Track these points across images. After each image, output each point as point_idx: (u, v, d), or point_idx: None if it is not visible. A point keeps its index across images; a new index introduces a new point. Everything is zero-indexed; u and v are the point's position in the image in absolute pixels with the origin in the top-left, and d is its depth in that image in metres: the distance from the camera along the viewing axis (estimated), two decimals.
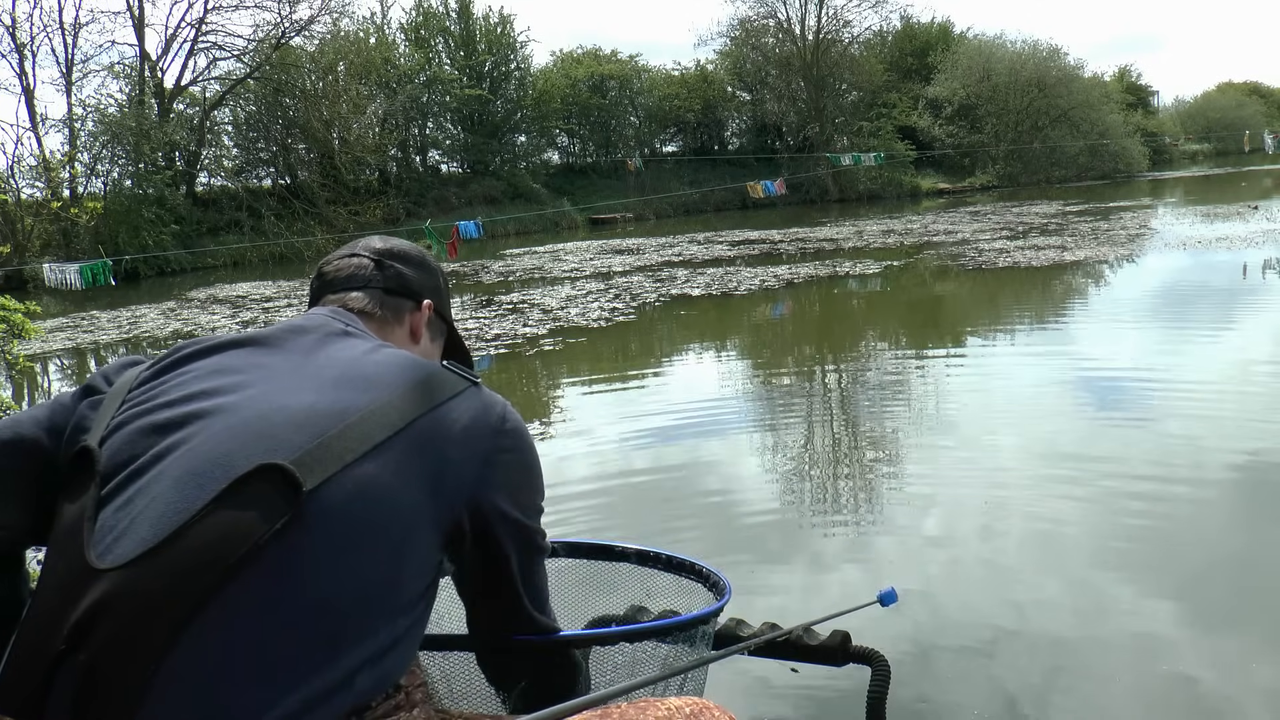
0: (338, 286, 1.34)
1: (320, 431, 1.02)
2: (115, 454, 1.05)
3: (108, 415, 1.11)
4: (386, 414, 1.06)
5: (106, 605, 0.93)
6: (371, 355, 1.16)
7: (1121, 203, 26.30)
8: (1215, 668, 2.80)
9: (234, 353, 1.16)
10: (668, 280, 14.43)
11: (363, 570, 0.99)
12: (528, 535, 1.18)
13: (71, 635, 0.93)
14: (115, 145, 26.40)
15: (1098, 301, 11.10)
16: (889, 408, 6.45)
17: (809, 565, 3.82)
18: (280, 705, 0.91)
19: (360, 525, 0.99)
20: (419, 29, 36.81)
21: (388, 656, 1.01)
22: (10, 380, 9.42)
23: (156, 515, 0.98)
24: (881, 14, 61.13)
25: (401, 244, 1.42)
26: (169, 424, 1.06)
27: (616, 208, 33.51)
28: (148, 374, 1.16)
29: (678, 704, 1.16)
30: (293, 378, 1.10)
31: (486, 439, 1.12)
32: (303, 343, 1.17)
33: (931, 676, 2.85)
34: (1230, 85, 69.30)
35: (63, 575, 0.99)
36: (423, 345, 1.37)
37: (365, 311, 1.31)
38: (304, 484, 0.98)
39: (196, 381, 1.11)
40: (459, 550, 1.11)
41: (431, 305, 1.38)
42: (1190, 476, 4.51)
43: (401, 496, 1.03)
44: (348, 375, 1.10)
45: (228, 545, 0.94)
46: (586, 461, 5.46)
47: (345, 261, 1.37)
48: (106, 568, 0.95)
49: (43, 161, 25.43)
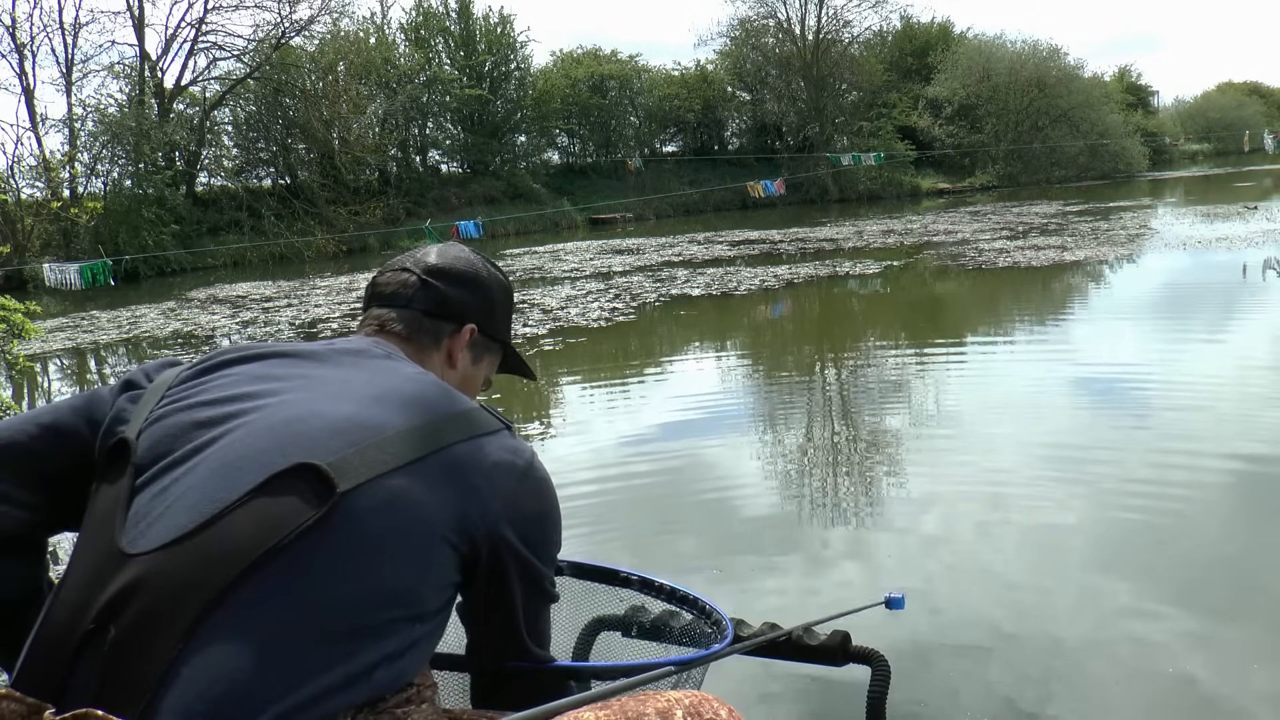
0: (382, 301, 1.36)
1: (357, 440, 1.05)
2: (153, 445, 1.08)
3: (146, 409, 1.13)
4: (423, 435, 1.09)
5: (136, 588, 0.95)
6: (411, 381, 1.18)
7: (1121, 203, 26.30)
8: (1214, 668, 2.80)
9: (277, 361, 1.19)
10: (668, 280, 14.44)
11: (385, 574, 1.01)
12: (537, 578, 1.20)
13: (100, 616, 0.95)
14: (115, 145, 26.41)
15: (1097, 301, 11.10)
16: (888, 407, 6.44)
17: (808, 565, 3.82)
18: (297, 693, 0.93)
19: (387, 532, 1.02)
20: (419, 29, 36.82)
21: (404, 657, 1.03)
22: (10, 380, 9.42)
23: (191, 503, 1.00)
24: (881, 14, 61.20)
25: (458, 259, 1.41)
26: (209, 421, 1.09)
27: (616, 208, 33.53)
28: (189, 374, 1.18)
29: (677, 696, 1.18)
30: (334, 389, 1.13)
31: (513, 480, 1.14)
32: (344, 361, 1.20)
33: (931, 676, 2.85)
34: (1230, 85, 69.33)
35: (94, 558, 1.01)
36: (461, 370, 1.38)
37: (401, 336, 1.33)
38: (338, 485, 1.00)
39: (238, 385, 1.14)
40: (471, 576, 1.14)
41: (474, 329, 1.38)
42: (1189, 476, 4.51)
43: (428, 513, 1.05)
44: (387, 395, 1.13)
45: (259, 536, 0.97)
46: (586, 461, 5.46)
47: (395, 276, 1.38)
48: (138, 552, 0.98)
49: (43, 161, 25.45)
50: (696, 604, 1.56)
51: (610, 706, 1.12)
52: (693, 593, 1.57)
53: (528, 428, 6.43)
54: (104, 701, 0.91)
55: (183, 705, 0.90)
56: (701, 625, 1.52)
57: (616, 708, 1.12)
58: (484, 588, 1.16)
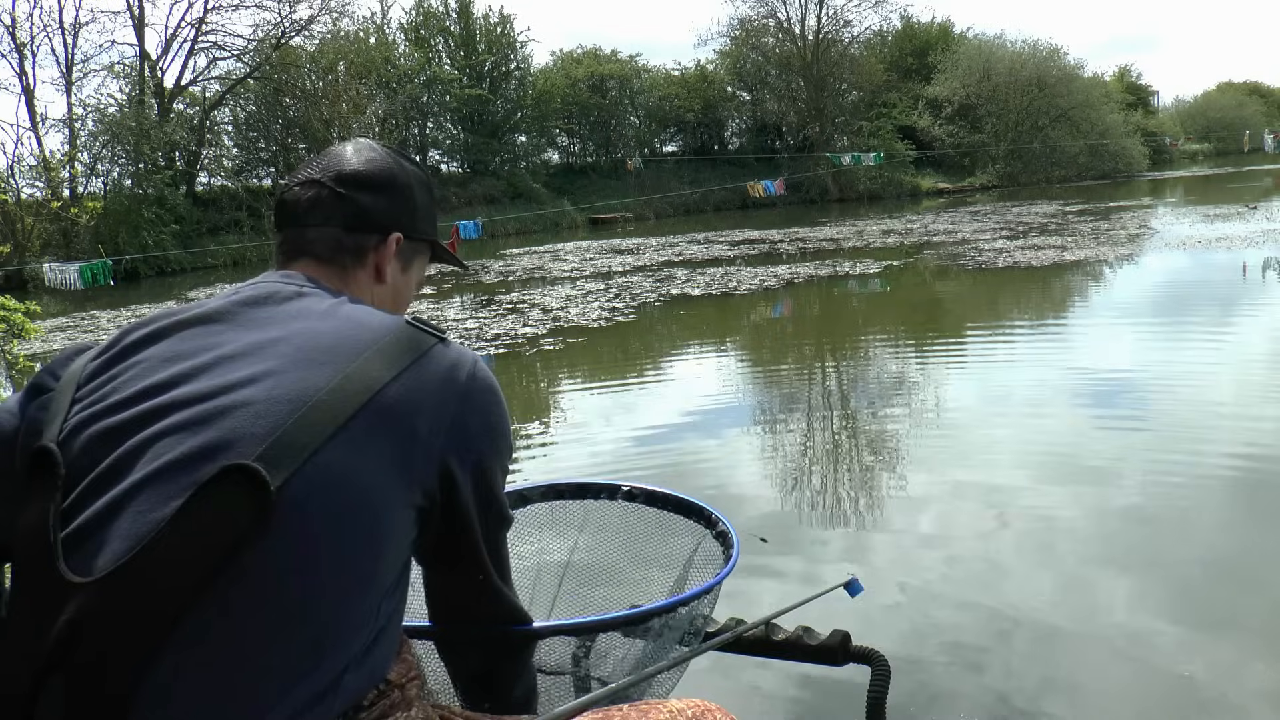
0: (296, 220, 1.24)
1: (282, 418, 0.97)
2: (75, 460, 1.00)
3: (59, 415, 1.04)
4: (349, 388, 1.00)
5: (84, 622, 0.91)
6: (329, 320, 1.09)
7: (1121, 202, 26.30)
8: (1211, 667, 2.80)
9: (185, 334, 1.09)
10: (668, 280, 14.44)
11: (340, 565, 0.96)
12: (495, 505, 1.14)
13: (53, 653, 0.91)
14: (115, 145, 26.42)
15: (1097, 301, 11.10)
16: (888, 407, 6.44)
17: (806, 564, 3.82)
18: (270, 715, 0.90)
19: (332, 518, 0.96)
20: (419, 29, 36.85)
21: (372, 651, 0.99)
22: (10, 380, 9.42)
23: (126, 527, 0.94)
24: (881, 14, 61.37)
25: (371, 161, 1.27)
26: (126, 425, 1.01)
27: (616, 208, 33.54)
28: (96, 365, 1.08)
29: (680, 706, 1.16)
30: (248, 360, 1.04)
31: (455, 401, 1.06)
32: (256, 316, 1.10)
33: (931, 676, 2.85)
34: (1230, 85, 69.38)
35: (34, 590, 0.96)
36: (390, 282, 1.27)
37: (320, 258, 1.22)
38: (271, 482, 0.93)
39: (149, 373, 1.05)
40: (426, 523, 1.07)
41: (400, 238, 1.27)
42: (1188, 477, 4.51)
43: (371, 479, 0.99)
44: (305, 349, 1.04)
45: (199, 558, 0.91)
46: (585, 460, 5.46)
47: (304, 191, 1.25)
48: (80, 581, 0.92)
49: (43, 161, 25.47)
50: (703, 513, 1.53)
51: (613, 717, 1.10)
52: (699, 501, 1.54)
53: (527, 427, 6.43)
54: None
55: None
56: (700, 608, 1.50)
57: (619, 717, 1.11)
58: (442, 530, 1.09)
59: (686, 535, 1.58)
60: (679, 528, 1.60)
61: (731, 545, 1.49)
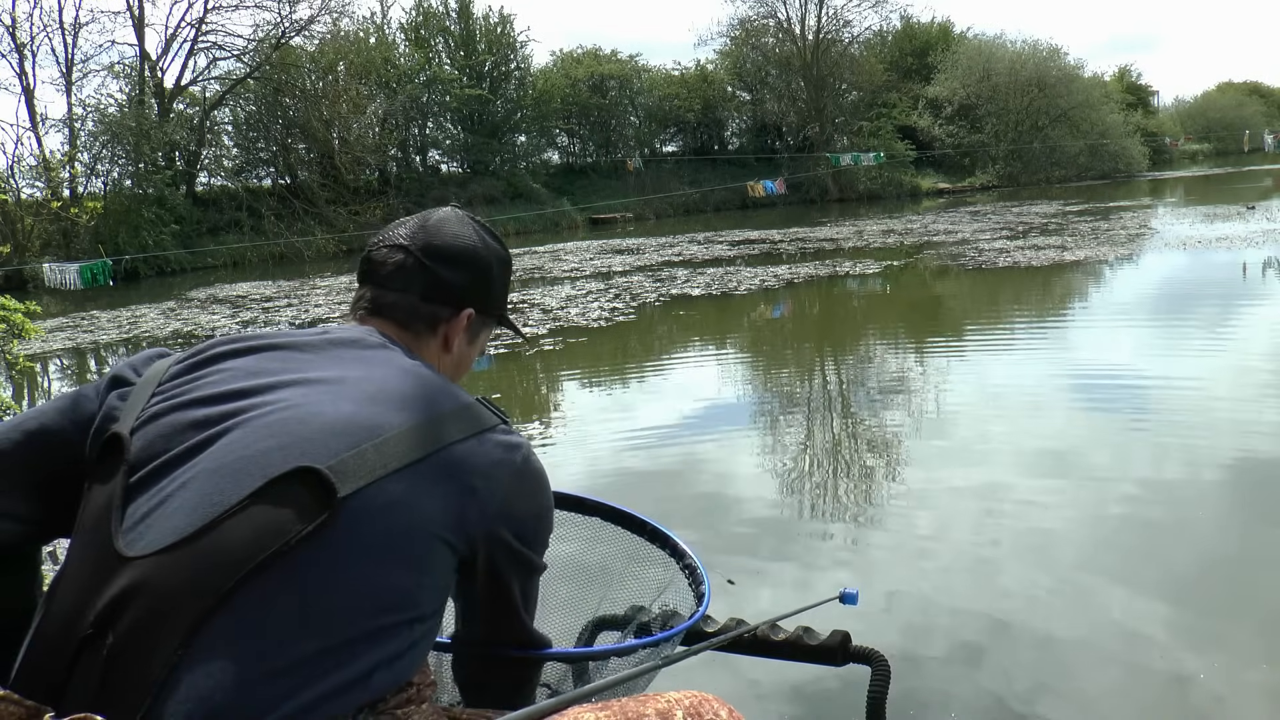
0: (379, 281, 1.30)
1: (356, 441, 1.03)
2: (148, 445, 1.05)
3: (138, 405, 1.10)
4: (419, 436, 1.07)
5: (133, 592, 0.95)
6: (409, 377, 1.15)
7: (1121, 202, 26.31)
8: (1207, 667, 2.81)
9: (272, 355, 1.15)
10: (668, 280, 14.44)
11: (384, 579, 1.01)
12: (531, 566, 1.21)
13: (98, 620, 0.95)
14: (115, 145, 26.41)
15: (1097, 301, 11.10)
16: (887, 407, 6.45)
17: (804, 565, 3.82)
18: (296, 698, 0.93)
19: (386, 537, 1.01)
20: (419, 29, 36.83)
21: (403, 658, 1.03)
22: (10, 380, 9.42)
23: (190, 507, 0.99)
24: (881, 14, 61.27)
25: (458, 237, 1.33)
26: (205, 420, 1.06)
27: (616, 208, 33.55)
28: (180, 368, 1.14)
29: (677, 696, 1.18)
30: (331, 387, 1.10)
31: (509, 478, 1.13)
32: (342, 355, 1.17)
33: (931, 676, 2.85)
34: (1230, 85, 69.38)
35: (90, 560, 1.00)
36: (456, 352, 1.34)
37: (397, 322, 1.28)
38: (339, 490, 0.99)
39: (233, 380, 1.11)
40: (469, 572, 1.14)
41: (472, 314, 1.33)
42: (1185, 476, 4.52)
43: (427, 516, 1.05)
44: (384, 392, 1.11)
45: (260, 542, 0.96)
46: (585, 460, 5.46)
47: (390, 255, 1.31)
48: (135, 555, 0.96)
49: (43, 161, 25.46)
50: (689, 566, 1.56)
51: (610, 707, 1.12)
52: (690, 550, 1.57)
53: (527, 427, 6.43)
54: (103, 706, 0.91)
55: (182, 711, 0.90)
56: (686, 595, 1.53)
57: (616, 708, 1.12)
58: (481, 581, 1.16)
59: (660, 566, 1.64)
60: (655, 556, 1.65)
61: (701, 582, 1.52)
